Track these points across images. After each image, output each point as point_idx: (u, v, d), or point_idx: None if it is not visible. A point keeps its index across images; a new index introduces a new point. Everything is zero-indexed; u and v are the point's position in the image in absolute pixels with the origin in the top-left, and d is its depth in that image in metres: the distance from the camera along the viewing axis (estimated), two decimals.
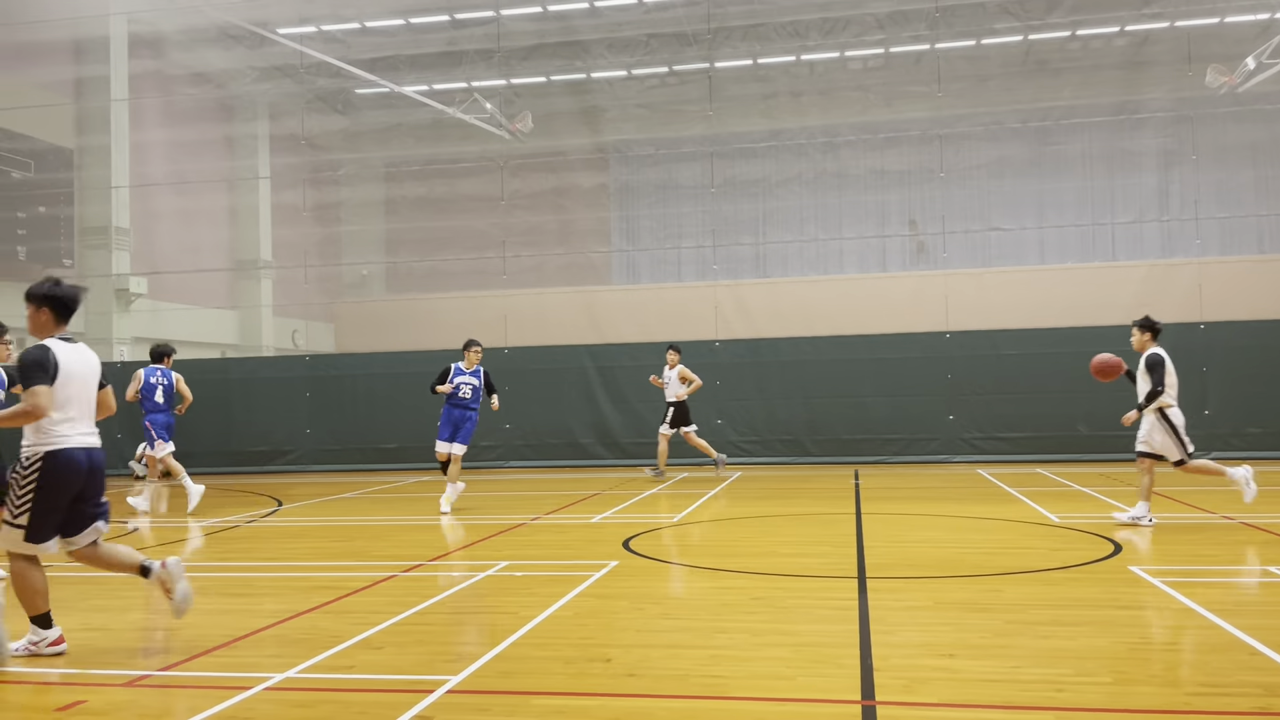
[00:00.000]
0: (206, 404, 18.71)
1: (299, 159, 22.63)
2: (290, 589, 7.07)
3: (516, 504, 12.08)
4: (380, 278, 25.88)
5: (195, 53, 22.60)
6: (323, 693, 4.44)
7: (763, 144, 22.92)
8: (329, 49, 21.35)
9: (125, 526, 10.91)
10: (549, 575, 7.25)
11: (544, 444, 17.84)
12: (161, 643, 5.45)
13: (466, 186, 22.39)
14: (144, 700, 4.40)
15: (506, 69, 20.84)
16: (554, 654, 4.98)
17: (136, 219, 22.67)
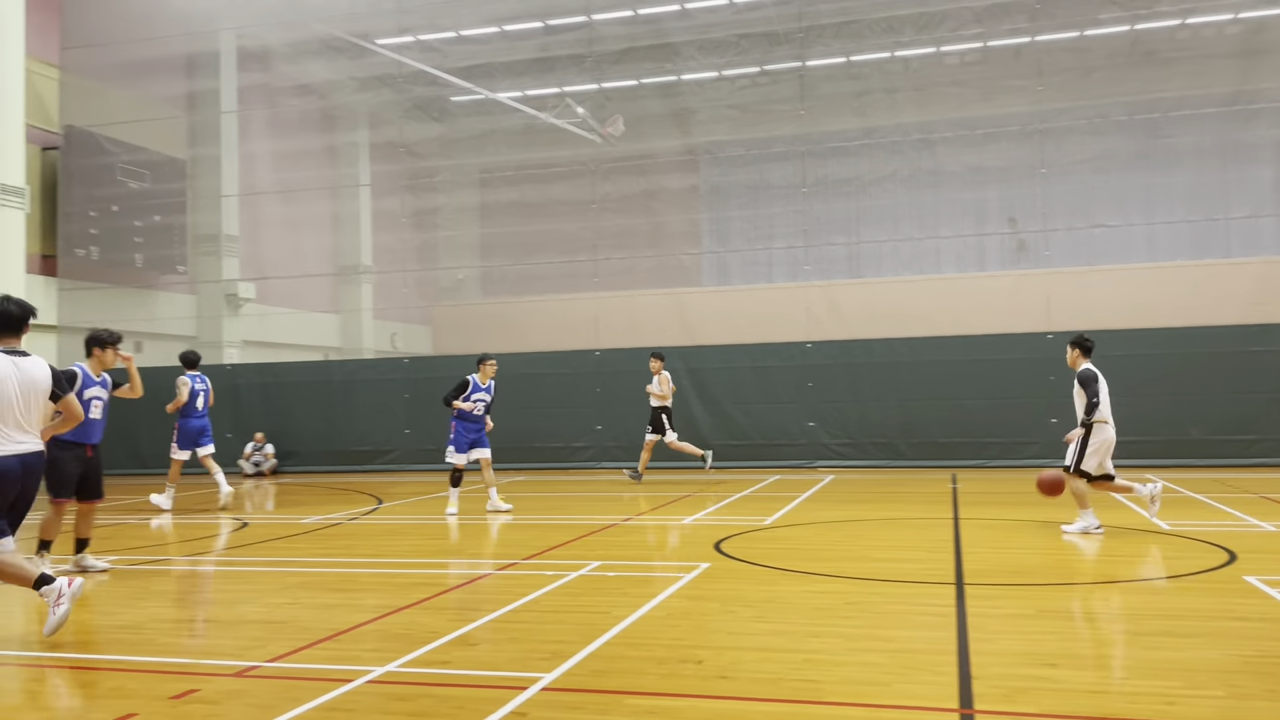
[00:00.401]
0: (310, 405, 19.37)
1: (398, 166, 23.22)
2: (390, 585, 7.26)
3: (608, 505, 12.17)
4: (475, 281, 26.35)
5: (299, 65, 23.39)
6: (421, 687, 4.55)
7: (856, 142, 22.60)
8: (426, 58, 21.85)
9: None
10: (641, 576, 7.28)
11: (635, 445, 17.89)
12: (269, 635, 5.65)
13: (558, 191, 22.64)
14: (253, 690, 4.57)
15: (598, 73, 21.00)
16: (646, 654, 5.00)
17: (245, 226, 23.57)
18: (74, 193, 21.27)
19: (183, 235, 23.04)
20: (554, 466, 17.92)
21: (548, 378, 18.00)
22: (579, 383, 18.12)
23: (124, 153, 21.88)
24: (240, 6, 22.00)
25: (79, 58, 21.30)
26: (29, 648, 5.69)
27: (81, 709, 4.39)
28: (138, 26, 21.43)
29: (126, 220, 21.98)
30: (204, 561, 8.48)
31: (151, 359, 21.38)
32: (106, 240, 21.68)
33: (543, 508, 12.10)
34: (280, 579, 7.59)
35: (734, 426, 17.39)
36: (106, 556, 8.70)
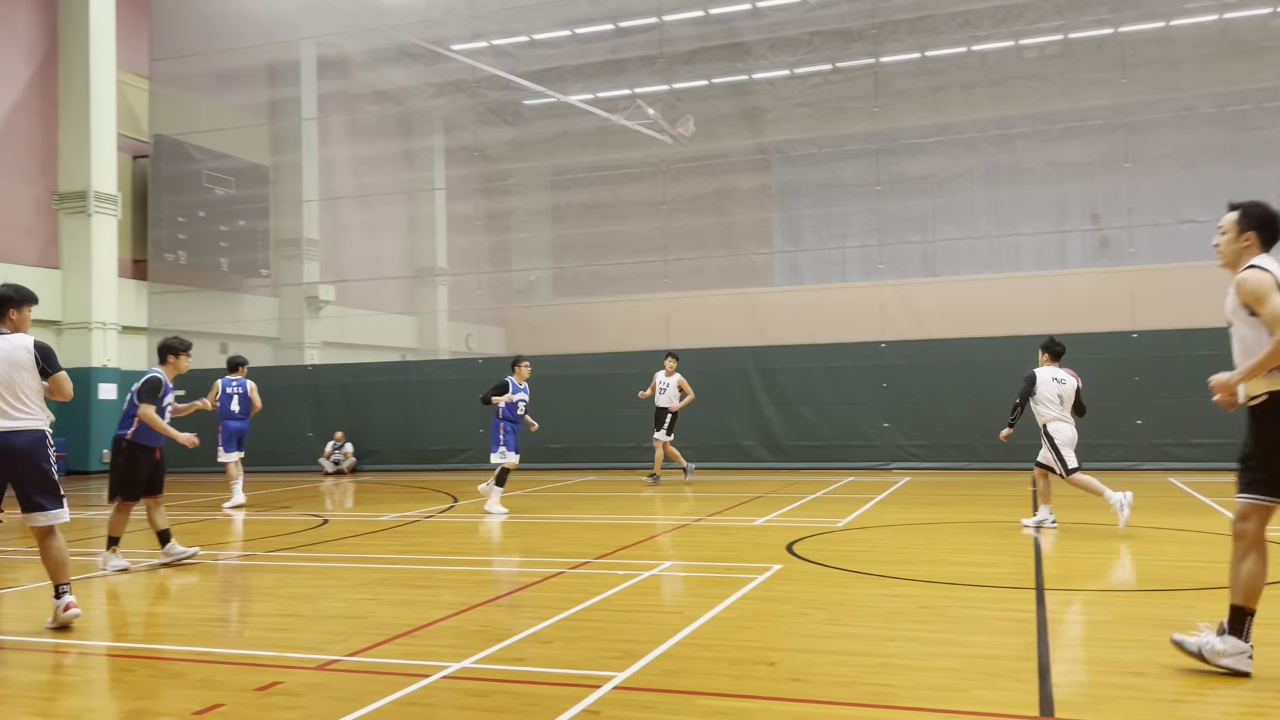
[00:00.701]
0: (387, 405, 19.75)
1: (472, 170, 23.55)
2: (465, 582, 7.37)
3: (679, 505, 12.17)
4: (547, 283, 26.59)
5: (377, 71, 23.87)
6: (496, 683, 4.61)
7: (931, 139, 22.23)
8: (499, 62, 22.12)
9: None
10: (712, 577, 7.27)
11: (706, 446, 17.88)
12: (349, 630, 5.78)
13: (629, 192, 22.72)
14: (334, 683, 4.69)
15: (669, 74, 21.03)
16: (718, 655, 5.00)
17: (325, 230, 24.14)
18: (163, 199, 22.04)
19: (266, 240, 23.71)
20: (626, 466, 17.98)
21: (619, 378, 18.06)
22: (649, 383, 18.14)
23: (210, 160, 22.59)
24: (320, 16, 22.55)
25: (167, 69, 22.06)
26: (122, 639, 5.92)
27: (172, 699, 4.55)
28: (222, 37, 22.10)
29: (212, 225, 22.69)
30: (286, 557, 8.71)
31: None
32: (194, 245, 22.40)
33: (614, 507, 12.16)
34: (359, 575, 7.76)
35: (806, 427, 17.25)
36: (193, 548, 9.01)
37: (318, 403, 20.14)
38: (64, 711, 4.38)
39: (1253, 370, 4.33)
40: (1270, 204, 4.74)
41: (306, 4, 22.47)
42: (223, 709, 4.30)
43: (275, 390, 20.62)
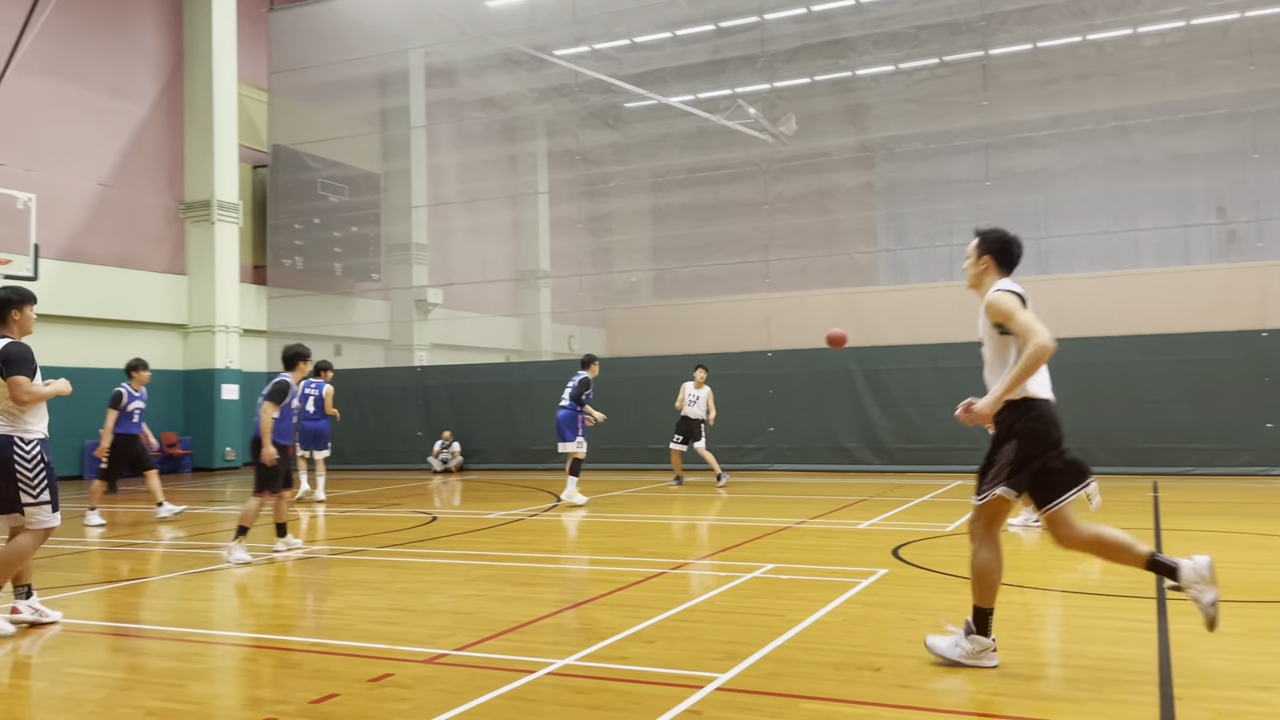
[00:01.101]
0: (492, 405, 20.13)
1: (574, 173, 23.83)
2: (568, 580, 7.46)
3: (781, 507, 12.08)
4: (648, 284, 26.72)
5: (482, 79, 24.37)
6: (599, 681, 4.66)
7: (1043, 132, 21.53)
8: (601, 66, 22.32)
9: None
10: (815, 580, 7.20)
11: (808, 447, 17.71)
12: (457, 625, 5.92)
13: (730, 192, 22.66)
14: (443, 676, 4.81)
15: (770, 73, 20.89)
16: (822, 659, 4.95)
17: (433, 235, 24.75)
18: (280, 207, 22.94)
19: (377, 245, 24.45)
20: (726, 468, 17.93)
21: (720, 379, 18.00)
22: (751, 384, 18.07)
23: (324, 168, 23.41)
24: (428, 26, 23.15)
25: (284, 81, 22.95)
26: (245, 629, 6.19)
27: (290, 688, 4.74)
28: (336, 49, 22.89)
29: (327, 232, 23.51)
30: (397, 552, 8.97)
31: (350, 362, 22.78)
32: (309, 250, 23.25)
33: (715, 508, 12.14)
34: (466, 571, 7.94)
35: (912, 429, 16.91)
36: (309, 546, 9.34)
37: (426, 403, 20.66)
38: (191, 697, 4.60)
39: (1012, 384, 4.77)
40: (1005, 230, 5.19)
41: (415, 15, 23.08)
42: (338, 699, 4.46)
43: (386, 391, 21.29)
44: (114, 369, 19.71)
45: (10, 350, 5.87)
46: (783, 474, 17.27)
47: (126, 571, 8.50)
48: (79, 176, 19.73)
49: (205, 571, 8.24)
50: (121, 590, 7.50)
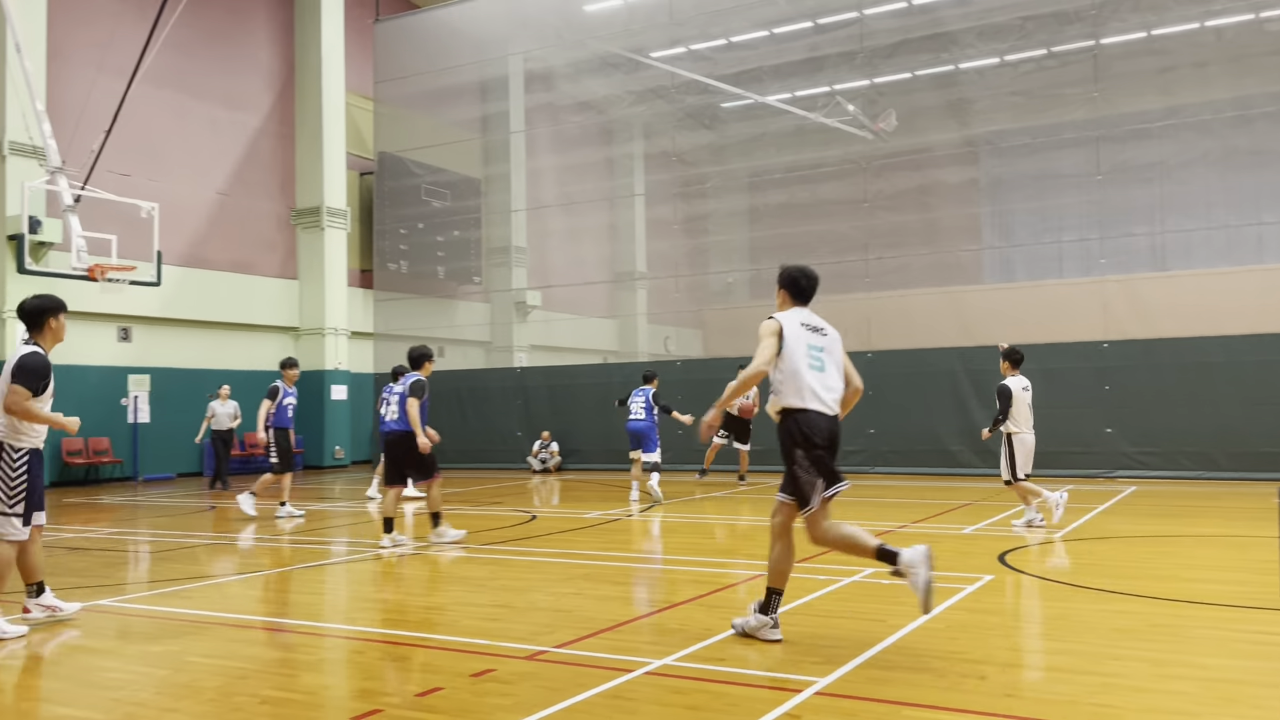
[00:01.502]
0: (590, 406, 20.31)
1: (670, 175, 23.86)
2: (665, 581, 7.48)
3: (881, 510, 11.87)
4: (745, 284, 26.56)
5: (579, 83, 24.60)
6: (697, 681, 4.65)
7: (1158, 123, 20.66)
8: (697, 67, 22.30)
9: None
10: None
11: (910, 450, 17.36)
12: (557, 622, 5.99)
13: (828, 190, 22.36)
14: (543, 673, 4.87)
15: (869, 69, 20.54)
16: (924, 665, 4.85)
17: (531, 238, 25.10)
18: (386, 212, 23.59)
19: (478, 248, 24.93)
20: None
21: None
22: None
23: (427, 174, 23.99)
24: (527, 32, 23.49)
25: (389, 90, 23.60)
26: (353, 622, 6.38)
27: (397, 680, 4.87)
28: (438, 57, 23.42)
29: (430, 236, 24.07)
30: (498, 550, 9.12)
31: (451, 363, 23.30)
32: (414, 255, 23.85)
33: None
34: (565, 570, 8.03)
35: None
36: (415, 544, 9.58)
37: (526, 403, 20.97)
38: (303, 687, 4.76)
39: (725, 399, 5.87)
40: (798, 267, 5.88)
41: (515, 21, 23.45)
42: (442, 693, 4.56)
43: (487, 391, 21.68)
44: (229, 370, 20.60)
45: (27, 360, 5.91)
46: (883, 477, 16.98)
47: (244, 566, 8.85)
48: (198, 185, 20.64)
49: (317, 566, 8.53)
50: (238, 583, 7.81)
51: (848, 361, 5.71)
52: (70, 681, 5.02)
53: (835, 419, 5.47)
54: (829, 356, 5.56)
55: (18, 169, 16.85)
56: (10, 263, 16.62)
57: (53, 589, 6.54)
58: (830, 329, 5.71)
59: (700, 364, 20.76)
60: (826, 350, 5.57)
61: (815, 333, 5.60)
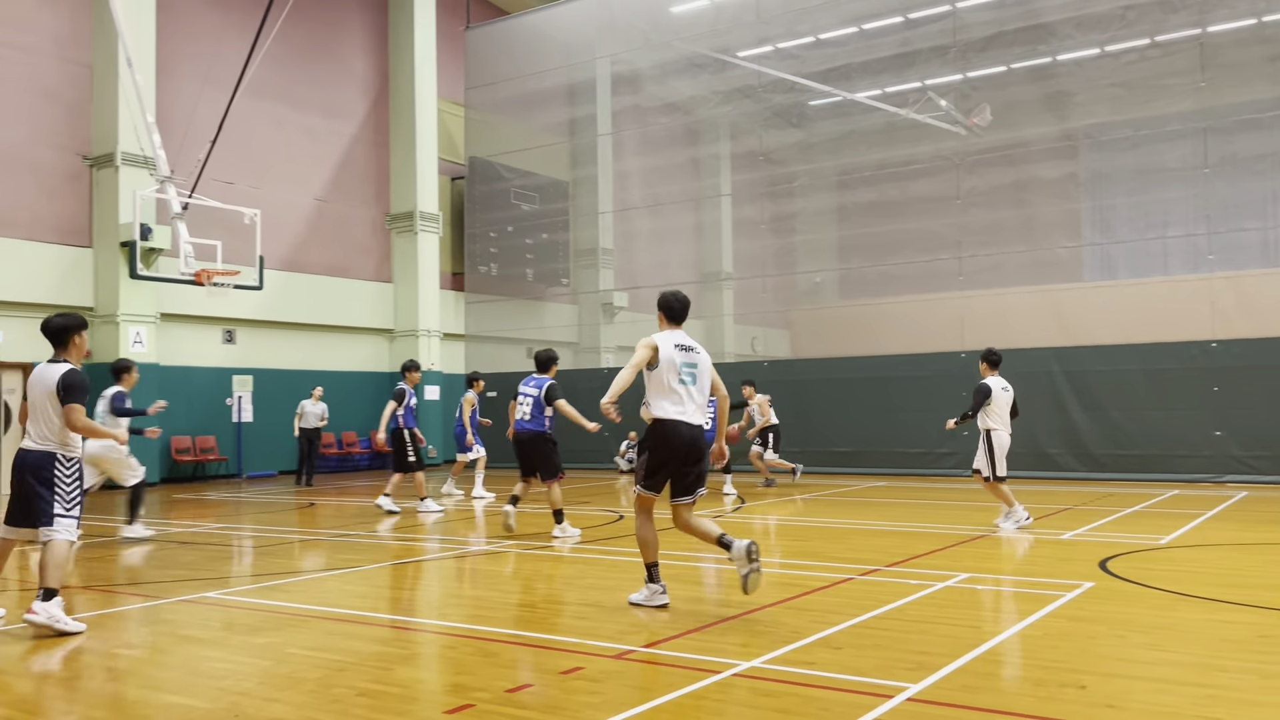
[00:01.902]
0: None
1: (757, 174, 23.72)
2: None
3: (975, 514, 11.60)
4: (833, 284, 26.25)
5: (666, 85, 24.65)
6: (786, 684, 4.62)
7: (1270, 113, 19.72)
8: (784, 65, 22.14)
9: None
10: (1014, 591, 6.88)
11: (1027, 453, 16.87)
12: (644, 622, 6.01)
13: (919, 188, 21.95)
14: (631, 672, 4.90)
15: (962, 63, 20.11)
16: (1021, 674, 4.73)
17: (618, 240, 25.24)
18: (476, 216, 24.01)
19: (566, 251, 25.17)
20: (915, 473, 17.41)
21: (908, 381, 17.54)
22: (943, 386, 17.45)
23: (516, 178, 24.32)
24: (615, 35, 23.63)
25: (479, 96, 24.01)
26: (446, 618, 6.50)
27: (487, 676, 4.95)
28: (527, 63, 23.74)
29: (519, 239, 24.40)
30: (585, 550, 9.20)
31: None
32: (503, 257, 24.22)
33: (905, 515, 11.80)
34: None
35: (1121, 435, 15.89)
36: (503, 542, 9.73)
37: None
38: (398, 680, 4.88)
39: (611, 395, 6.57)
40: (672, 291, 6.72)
41: (603, 25, 23.62)
42: (532, 689, 4.62)
43: (574, 392, 21.68)
44: (327, 370, 21.22)
45: (70, 378, 6.18)
46: (973, 480, 16.59)
47: (340, 561, 9.10)
48: (297, 192, 21.31)
49: (412, 562, 8.73)
50: (335, 578, 8.04)
51: (716, 376, 6.60)
52: (179, 670, 5.24)
53: (699, 428, 6.39)
54: (699, 373, 6.44)
55: (130, 179, 17.64)
56: (123, 268, 17.40)
57: (164, 582, 6.81)
58: (701, 349, 6.56)
59: (787, 365, 20.60)
60: (698, 367, 6.44)
61: (687, 352, 6.47)
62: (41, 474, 6.17)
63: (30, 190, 17.26)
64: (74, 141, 17.85)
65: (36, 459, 6.19)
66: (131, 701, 4.69)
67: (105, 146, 17.82)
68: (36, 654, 5.60)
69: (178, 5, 19.25)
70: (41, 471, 6.17)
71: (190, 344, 19.25)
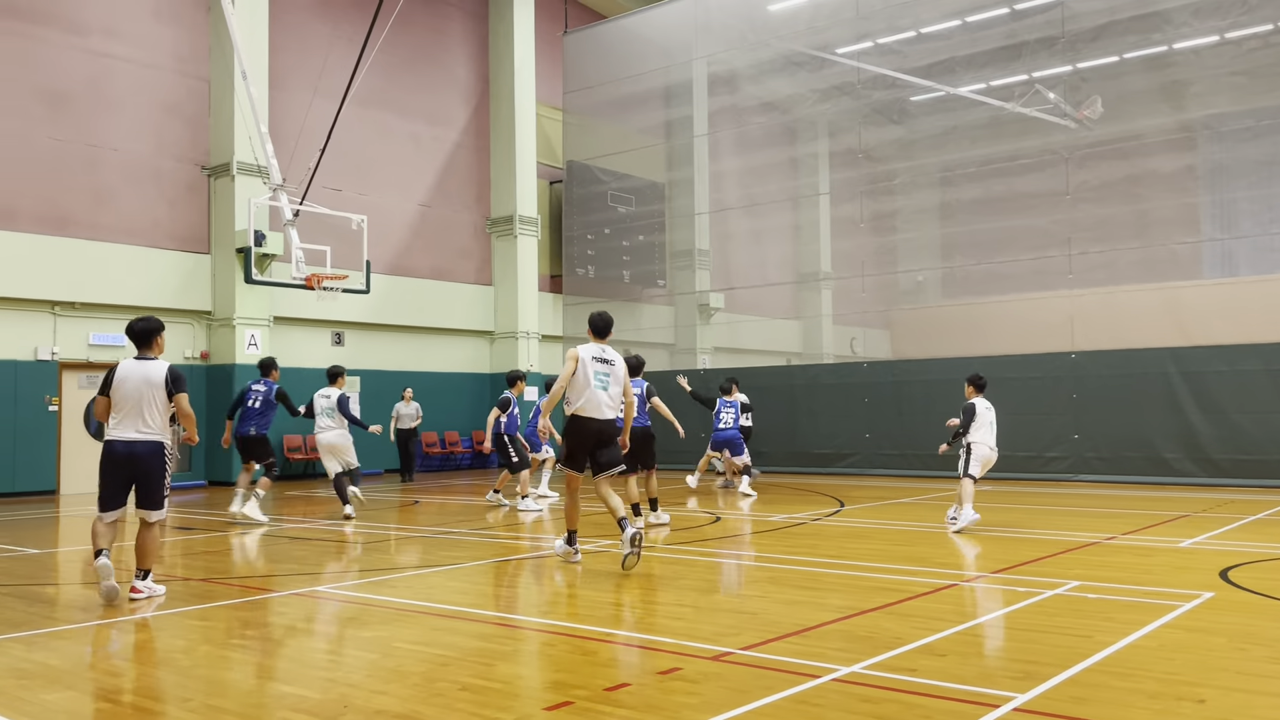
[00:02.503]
0: (773, 408, 20.17)
1: (856, 172, 23.38)
2: (853, 587, 7.34)
3: (1087, 521, 11.21)
4: (935, 283, 25.69)
5: (763, 83, 24.51)
6: (887, 691, 4.55)
7: None
8: (885, 61, 21.78)
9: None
10: (1128, 601, 6.62)
11: (1118, 457, 16.32)
12: (742, 624, 5.99)
13: (1026, 184, 21.30)
14: (729, 674, 4.89)
15: (1072, 54, 19.45)
16: (1135, 686, 4.55)
17: (714, 241, 25.19)
18: (574, 219, 24.26)
19: (662, 252, 25.24)
20: (1022, 477, 16.91)
21: (1015, 382, 17.03)
22: (1051, 388, 16.93)
23: (613, 180, 24.50)
24: (711, 35, 23.60)
25: (577, 99, 24.26)
26: (546, 615, 6.59)
27: (586, 674, 5.00)
28: (624, 65, 23.89)
29: (616, 241, 24.57)
30: (682, 551, 9.21)
31: None
32: (600, 259, 24.42)
33: (1011, 520, 11.48)
34: (750, 572, 8.01)
35: (1244, 439, 15.15)
36: (600, 542, 9.81)
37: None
38: (500, 677, 4.97)
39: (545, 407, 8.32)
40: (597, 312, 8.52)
41: (699, 25, 23.61)
42: (629, 688, 4.65)
43: (670, 393, 21.84)
44: (429, 371, 21.73)
45: (177, 371, 7.05)
46: (1088, 485, 16.04)
47: (443, 557, 9.31)
48: (401, 198, 21.89)
49: (513, 560, 8.87)
50: (439, 574, 8.22)
51: (628, 383, 8.35)
52: (291, 661, 5.43)
53: (609, 421, 8.05)
54: (612, 380, 8.09)
55: (245, 187, 18.39)
56: (239, 274, 18.14)
57: (276, 575, 7.08)
58: (618, 359, 8.24)
59: (888, 366, 20.24)
60: (611, 375, 8.11)
61: (604, 364, 8.12)
62: (153, 462, 6.89)
63: (154, 200, 18.13)
64: (193, 152, 18.69)
65: (147, 449, 6.88)
66: (247, 690, 4.89)
67: (222, 157, 18.60)
68: (157, 642, 5.89)
69: (289, 19, 19.98)
70: (153, 460, 6.89)
71: (301, 346, 19.95)
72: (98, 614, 6.56)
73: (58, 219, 16.84)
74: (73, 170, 17.08)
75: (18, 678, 4.98)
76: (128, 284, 17.46)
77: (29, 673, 5.08)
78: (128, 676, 5.13)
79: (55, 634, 6.02)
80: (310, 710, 4.39)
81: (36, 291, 16.48)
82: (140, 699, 4.68)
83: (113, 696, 4.70)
